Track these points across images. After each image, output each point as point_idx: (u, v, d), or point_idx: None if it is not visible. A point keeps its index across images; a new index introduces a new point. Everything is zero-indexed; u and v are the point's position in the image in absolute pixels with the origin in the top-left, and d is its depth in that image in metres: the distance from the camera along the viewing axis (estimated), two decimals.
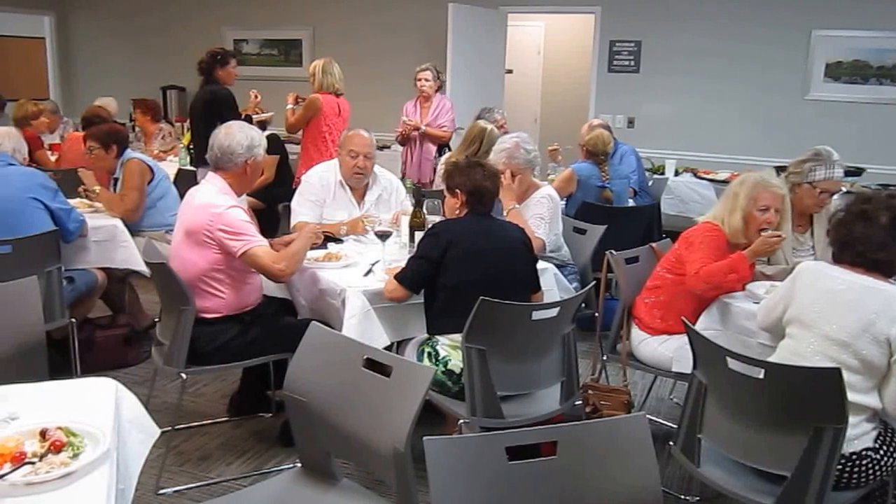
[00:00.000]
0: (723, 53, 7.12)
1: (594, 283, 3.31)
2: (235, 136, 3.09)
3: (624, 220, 4.72)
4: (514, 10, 7.90)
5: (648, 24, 7.30)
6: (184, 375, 3.00)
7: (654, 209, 5.28)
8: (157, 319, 4.42)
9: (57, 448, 1.64)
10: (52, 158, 6.31)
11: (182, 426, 3.41)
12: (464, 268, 2.89)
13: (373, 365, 2.12)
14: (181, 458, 3.23)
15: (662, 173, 6.53)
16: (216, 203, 2.99)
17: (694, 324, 2.80)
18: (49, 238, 3.58)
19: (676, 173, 6.54)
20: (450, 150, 5.87)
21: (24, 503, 1.51)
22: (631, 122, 7.48)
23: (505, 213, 3.64)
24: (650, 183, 6.00)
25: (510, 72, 8.38)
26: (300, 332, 2.38)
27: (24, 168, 3.87)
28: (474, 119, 5.21)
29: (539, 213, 3.77)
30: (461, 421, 2.76)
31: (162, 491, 2.98)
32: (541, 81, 9.68)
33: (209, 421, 3.59)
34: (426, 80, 6.13)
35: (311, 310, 3.29)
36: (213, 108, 5.28)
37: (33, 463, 1.60)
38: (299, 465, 2.32)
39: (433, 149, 6.10)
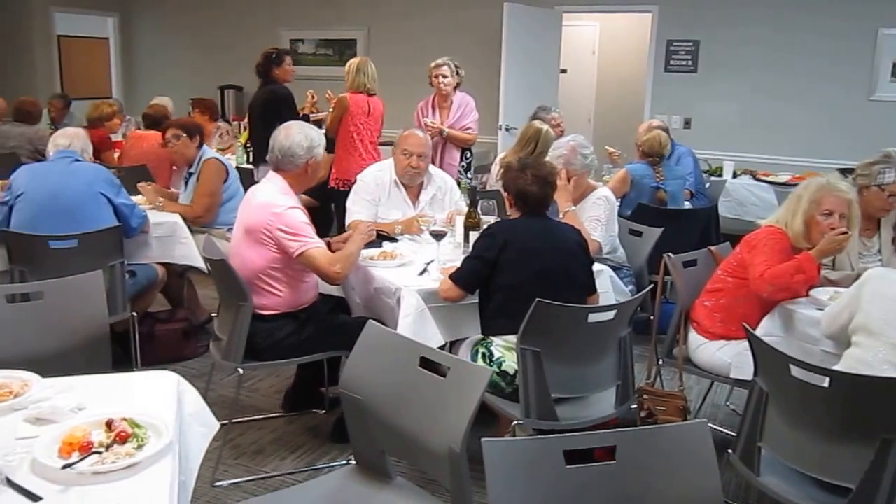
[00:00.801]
0: (784, 53, 6.95)
1: (652, 286, 3.26)
2: (295, 136, 3.13)
3: (680, 223, 4.64)
4: (570, 10, 7.84)
5: (707, 22, 7.17)
6: (241, 370, 3.05)
7: (712, 212, 5.18)
8: (213, 314, 4.54)
9: (122, 439, 1.68)
10: (115, 156, 6.47)
11: (238, 420, 3.46)
12: (520, 268, 2.88)
13: (429, 364, 2.12)
14: (236, 452, 3.28)
15: (720, 175, 6.41)
16: (276, 203, 3.03)
17: (755, 329, 2.73)
18: (113, 233, 3.68)
19: (734, 175, 6.42)
20: (471, 154, 5.60)
21: (91, 491, 1.54)
22: (687, 123, 7.36)
23: (561, 215, 3.61)
24: (707, 185, 5.89)
25: (564, 72, 8.32)
26: (355, 331, 2.39)
27: (90, 164, 3.98)
28: (529, 119, 5.16)
29: (595, 215, 3.73)
30: (514, 422, 2.75)
31: (218, 483, 3.03)
32: (595, 81, 9.59)
33: (264, 416, 3.64)
34: (444, 76, 5.51)
35: (366, 308, 3.31)
36: (272, 107, 5.36)
37: (100, 453, 1.64)
38: (353, 462, 2.34)
39: (457, 154, 5.58)
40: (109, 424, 1.73)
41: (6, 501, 1.48)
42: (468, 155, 5.64)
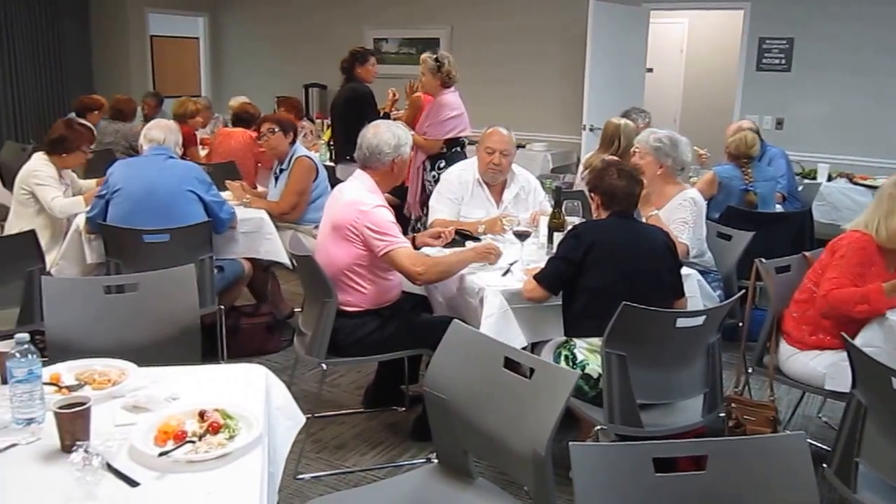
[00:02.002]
0: (882, 51, 6.63)
1: (742, 291, 3.15)
2: (383, 135, 3.15)
3: (771, 227, 4.48)
4: (658, 7, 7.68)
5: (802, 19, 6.90)
6: (324, 366, 3.08)
7: (805, 216, 4.98)
8: (296, 309, 4.62)
9: (214, 429, 1.72)
10: (203, 153, 6.66)
11: (320, 415, 3.51)
12: (606, 270, 2.83)
13: (513, 365, 2.10)
14: (318, 446, 3.33)
15: (814, 178, 6.16)
16: (364, 201, 3.07)
17: (853, 339, 2.62)
18: (203, 228, 3.78)
19: (829, 178, 6.16)
20: (446, 162, 4.87)
21: (184, 479, 1.59)
22: (780, 124, 7.11)
23: (644, 220, 3.54)
24: (800, 188, 5.67)
25: (650, 71, 8.16)
26: (437, 329, 2.39)
27: (182, 161, 4.10)
28: (619, 117, 5.04)
29: (682, 217, 3.64)
30: (598, 427, 2.70)
31: (300, 476, 3.07)
32: (682, 81, 9.37)
33: (345, 411, 3.68)
34: (420, 73, 5.05)
35: (448, 307, 3.31)
36: (353, 106, 5.42)
37: (193, 442, 1.68)
38: (435, 461, 2.34)
39: (422, 157, 5.07)
40: (202, 415, 1.77)
41: (106, 485, 1.53)
42: (441, 164, 4.96)
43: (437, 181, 4.78)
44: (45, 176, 4.13)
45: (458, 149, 5.11)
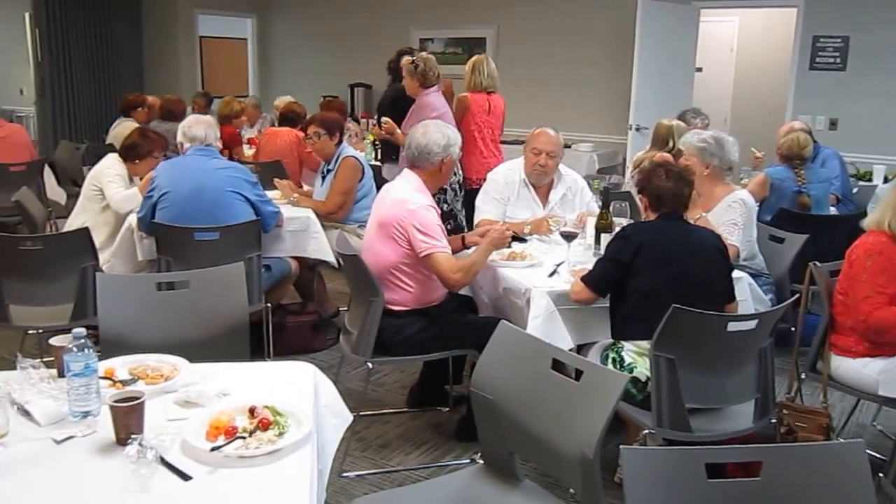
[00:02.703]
0: None
1: (796, 296, 3.08)
2: (433, 135, 3.17)
3: (825, 229, 4.36)
4: (708, 6, 7.56)
5: (858, 17, 6.73)
6: (370, 364, 3.10)
7: (860, 219, 4.84)
8: (341, 308, 4.65)
9: (264, 426, 1.73)
10: (250, 152, 6.75)
11: (365, 413, 3.52)
12: (655, 273, 2.79)
13: (561, 367, 2.08)
14: (363, 444, 3.34)
15: (869, 180, 6.00)
16: (412, 200, 3.08)
17: None
18: (252, 227, 3.82)
19: (886, 180, 5.98)
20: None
21: (236, 474, 1.60)
22: (833, 124, 6.94)
23: (693, 223, 3.47)
24: (855, 190, 5.53)
25: (700, 70, 8.04)
26: (483, 330, 2.38)
27: (227, 162, 4.15)
28: (671, 118, 4.98)
29: (732, 219, 3.57)
30: (646, 431, 2.66)
31: (345, 474, 3.09)
32: (732, 80, 9.21)
33: (389, 410, 3.69)
34: (403, 76, 5.19)
35: (494, 308, 3.30)
36: (399, 106, 5.43)
37: (244, 438, 1.70)
38: (480, 461, 2.33)
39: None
40: (252, 411, 1.79)
41: (160, 478, 1.56)
42: None
43: None
44: (114, 174, 4.23)
45: None
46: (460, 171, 5.21)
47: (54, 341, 2.02)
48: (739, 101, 9.16)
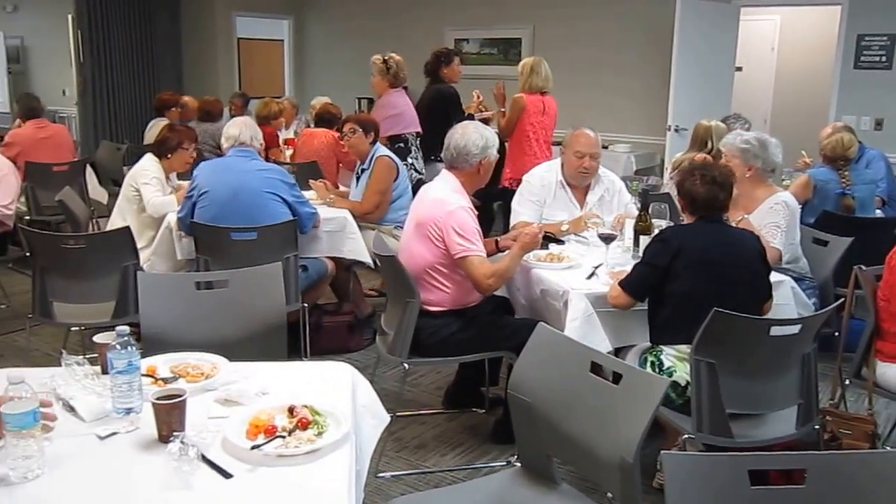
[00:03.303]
0: None
1: (841, 300, 3.01)
2: (471, 136, 3.17)
3: (870, 232, 4.25)
4: (749, 4, 7.44)
5: None
6: (406, 365, 3.10)
7: None
8: (377, 309, 4.66)
9: (303, 425, 1.74)
10: (288, 153, 6.79)
11: (401, 414, 3.53)
12: (694, 276, 2.75)
13: (600, 370, 2.06)
14: (399, 445, 3.34)
15: None
16: (450, 200, 3.09)
17: None
18: (289, 227, 3.85)
19: None
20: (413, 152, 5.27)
21: (276, 473, 1.61)
22: (879, 124, 6.78)
23: (734, 224, 3.42)
24: None
25: (739, 69, 7.91)
26: (520, 332, 2.37)
27: (265, 163, 4.18)
28: (713, 120, 4.91)
29: (774, 221, 3.51)
30: (685, 436, 2.63)
31: (381, 474, 3.09)
32: (773, 80, 9.05)
33: (425, 411, 3.69)
34: (371, 74, 5.42)
35: (531, 310, 3.28)
36: (439, 106, 5.45)
37: (283, 437, 1.71)
38: (518, 464, 2.32)
39: None
40: (291, 410, 1.80)
41: (201, 475, 1.57)
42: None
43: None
44: (150, 176, 4.28)
45: (402, 144, 5.31)
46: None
47: (98, 339, 2.05)
48: (780, 101, 9.00)
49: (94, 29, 9.37)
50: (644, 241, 3.20)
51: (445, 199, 3.10)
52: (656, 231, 3.19)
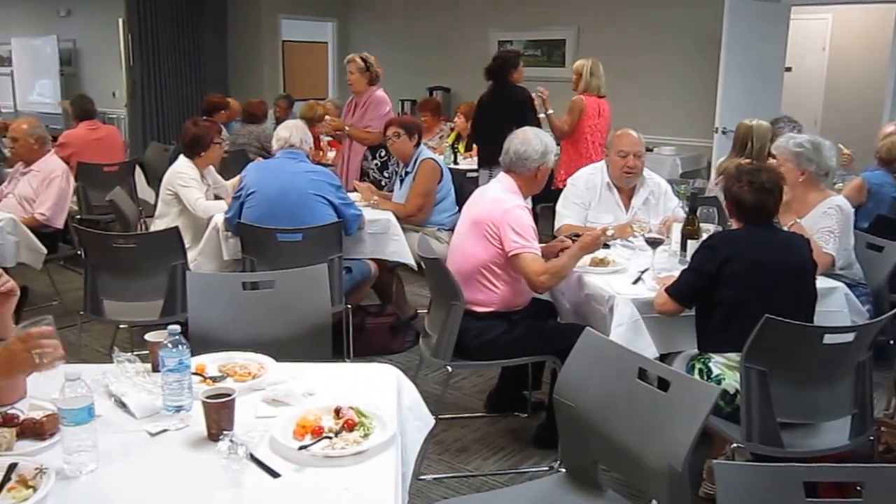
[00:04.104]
0: None
1: None
2: (532, 142, 3.19)
3: None
4: (800, 2, 7.29)
5: None
6: (449, 368, 3.09)
7: None
8: (419, 311, 4.67)
9: (350, 426, 1.74)
10: (331, 155, 6.84)
11: (443, 416, 3.52)
12: (743, 283, 2.69)
13: (647, 377, 2.03)
14: (440, 448, 3.34)
15: None
16: (506, 200, 3.12)
17: None
18: (334, 229, 3.88)
19: None
20: (386, 152, 5.27)
21: (322, 473, 1.62)
22: None
23: (786, 229, 3.35)
24: None
25: (789, 70, 7.77)
26: (565, 336, 2.34)
27: (312, 165, 4.21)
28: (754, 120, 4.82)
29: (827, 226, 3.43)
30: (733, 445, 2.58)
31: (422, 477, 3.09)
32: (824, 80, 8.86)
33: (467, 414, 3.69)
34: (350, 72, 5.53)
35: (576, 314, 3.25)
36: (517, 109, 5.46)
37: (330, 438, 1.71)
38: (561, 469, 2.30)
39: (361, 149, 5.50)
40: (338, 412, 1.80)
41: (249, 474, 1.58)
42: (381, 153, 5.37)
43: (379, 168, 5.39)
44: (188, 178, 4.33)
45: None
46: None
47: (149, 337, 2.08)
48: (832, 103, 8.80)
49: (143, 32, 9.56)
50: (691, 245, 3.15)
51: (502, 199, 3.13)
52: (704, 236, 3.14)
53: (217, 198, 4.52)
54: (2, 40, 12.83)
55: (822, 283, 2.97)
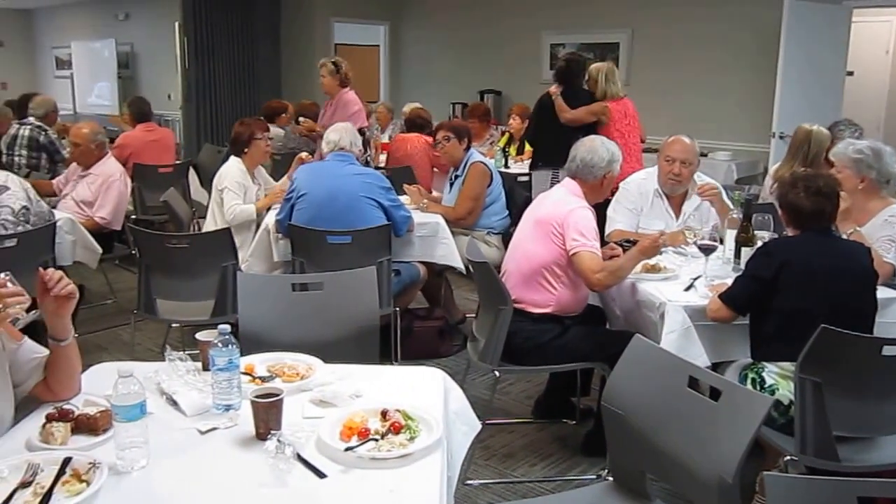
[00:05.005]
0: None
1: None
2: (599, 150, 3.21)
3: None
4: (861, 5, 7.10)
5: None
6: (497, 373, 3.08)
7: None
8: (468, 315, 4.66)
9: (396, 429, 1.75)
10: (381, 157, 6.87)
11: (490, 421, 3.50)
12: (800, 291, 2.62)
13: (698, 386, 2.00)
14: (487, 453, 3.33)
15: None
16: (571, 201, 3.16)
17: None
18: (383, 231, 3.88)
19: None
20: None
21: (368, 475, 1.62)
22: None
23: (845, 237, 3.26)
24: None
25: (851, 74, 7.56)
26: (615, 342, 2.31)
27: (362, 168, 4.24)
28: (822, 128, 4.71)
29: (888, 235, 3.31)
30: (787, 458, 2.51)
31: (469, 482, 3.08)
32: (888, 84, 8.60)
33: (514, 420, 3.67)
34: (322, 75, 5.79)
35: (626, 321, 3.21)
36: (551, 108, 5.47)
37: (376, 440, 1.72)
38: (609, 478, 2.27)
39: None
40: (384, 414, 1.81)
41: (296, 474, 1.60)
42: None
43: None
44: (230, 181, 4.39)
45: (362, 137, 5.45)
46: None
47: (200, 336, 2.11)
48: (895, 107, 8.55)
49: (199, 36, 9.74)
50: (745, 253, 3.09)
51: (567, 200, 3.16)
52: (759, 243, 3.07)
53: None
54: (63, 44, 13.24)
55: (882, 293, 2.88)
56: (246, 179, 4.48)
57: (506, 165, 6.50)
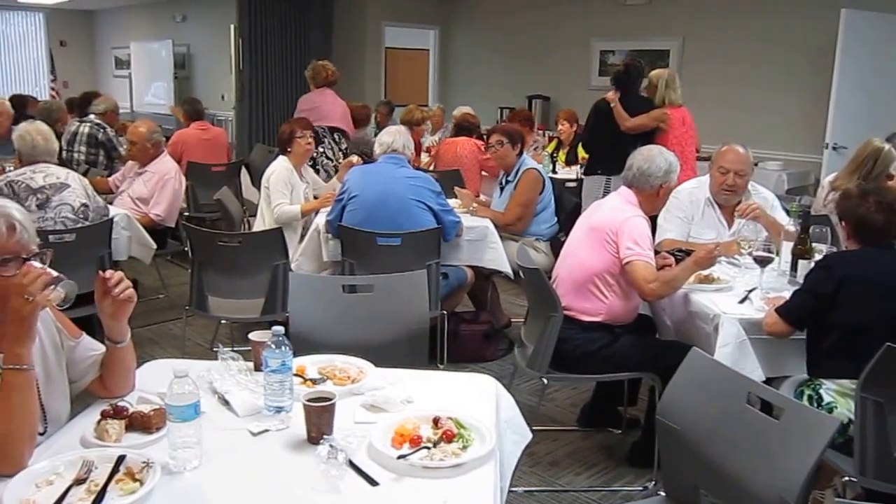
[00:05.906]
0: None
1: None
2: (655, 159, 3.17)
3: None
4: None
5: None
6: (545, 380, 3.05)
7: None
8: (514, 320, 4.64)
9: (448, 438, 1.73)
10: (425, 159, 6.88)
11: (535, 428, 3.46)
12: (861, 307, 2.55)
13: (757, 402, 1.94)
14: (532, 460, 3.29)
15: None
16: (626, 209, 3.11)
17: None
18: (432, 234, 3.89)
19: None
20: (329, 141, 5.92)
21: (420, 484, 1.60)
22: None
23: None
24: None
25: None
26: (667, 354, 2.27)
27: (414, 171, 4.24)
28: (882, 140, 4.58)
29: None
30: (844, 478, 2.44)
31: (513, 489, 3.04)
32: None
33: (560, 427, 3.63)
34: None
35: (677, 332, 3.15)
36: (601, 114, 5.40)
37: (428, 448, 1.70)
38: (661, 493, 2.22)
39: None
40: (436, 422, 1.79)
41: (348, 480, 1.58)
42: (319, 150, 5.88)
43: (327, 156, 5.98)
44: (276, 180, 4.45)
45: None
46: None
47: (253, 336, 2.12)
48: None
49: (253, 38, 9.87)
50: (802, 265, 3.01)
51: (622, 208, 3.12)
52: (817, 256, 3.00)
53: (314, 198, 4.63)
54: (122, 44, 13.53)
55: None
56: (293, 177, 4.52)
57: (553, 171, 6.45)
